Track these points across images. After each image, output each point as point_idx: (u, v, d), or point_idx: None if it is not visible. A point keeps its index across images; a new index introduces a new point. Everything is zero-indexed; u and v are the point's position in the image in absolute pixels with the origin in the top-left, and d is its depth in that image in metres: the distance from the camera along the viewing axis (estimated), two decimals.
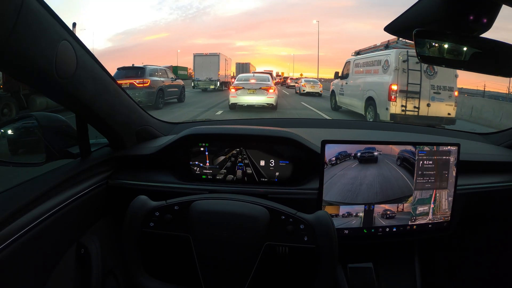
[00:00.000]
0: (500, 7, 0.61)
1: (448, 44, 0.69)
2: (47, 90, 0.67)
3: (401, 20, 0.69)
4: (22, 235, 0.61)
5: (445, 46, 0.69)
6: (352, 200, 0.88)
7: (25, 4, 0.49)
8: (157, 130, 1.13)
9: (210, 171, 0.98)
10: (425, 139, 1.22)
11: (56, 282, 0.70)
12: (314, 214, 0.69)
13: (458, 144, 0.92)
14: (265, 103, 9.19)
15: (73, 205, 0.76)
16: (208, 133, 0.99)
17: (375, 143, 0.88)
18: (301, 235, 0.67)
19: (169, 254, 0.93)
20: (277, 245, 0.68)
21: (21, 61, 0.54)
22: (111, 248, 0.90)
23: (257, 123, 1.43)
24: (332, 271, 0.65)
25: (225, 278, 0.66)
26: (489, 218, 1.15)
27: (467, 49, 0.69)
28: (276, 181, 0.97)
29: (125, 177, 0.95)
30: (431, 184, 0.92)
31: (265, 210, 0.69)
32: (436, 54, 0.69)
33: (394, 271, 1.12)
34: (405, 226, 0.92)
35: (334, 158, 0.86)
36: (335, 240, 0.66)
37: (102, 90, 0.78)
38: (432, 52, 0.69)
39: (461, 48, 0.69)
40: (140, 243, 0.66)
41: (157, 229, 0.66)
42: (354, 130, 1.40)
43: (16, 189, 0.70)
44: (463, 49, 0.69)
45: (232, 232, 0.65)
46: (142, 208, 0.67)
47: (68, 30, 0.63)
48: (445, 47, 0.69)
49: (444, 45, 0.69)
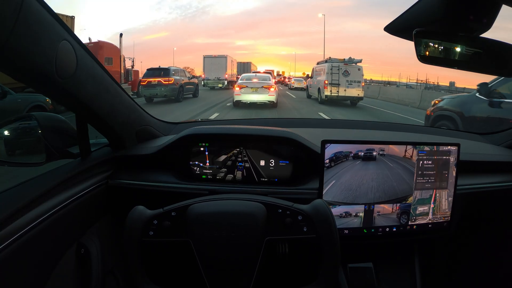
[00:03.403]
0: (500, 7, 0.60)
1: (448, 44, 0.69)
2: (47, 90, 0.67)
3: (401, 20, 0.69)
4: (22, 235, 0.61)
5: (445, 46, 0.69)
6: (352, 200, 0.88)
7: (25, 4, 0.49)
8: (157, 130, 1.13)
9: (210, 171, 0.98)
10: (425, 139, 1.22)
11: (56, 282, 0.70)
12: (311, 203, 0.69)
13: (458, 144, 0.92)
14: (266, 101, 9.95)
15: (73, 205, 0.76)
16: (208, 133, 0.99)
17: (375, 143, 0.88)
18: (300, 226, 0.67)
19: (171, 260, 0.93)
20: (278, 240, 0.68)
21: (21, 61, 0.54)
22: (111, 248, 0.90)
23: (257, 123, 1.43)
24: (335, 260, 0.65)
25: (230, 278, 0.66)
26: (489, 218, 1.15)
27: (467, 49, 0.69)
28: (276, 181, 0.97)
29: (125, 177, 0.95)
30: (431, 184, 0.92)
31: (262, 206, 0.69)
32: (436, 54, 0.69)
33: (394, 271, 1.12)
34: (405, 226, 0.92)
35: (334, 158, 0.86)
36: (334, 227, 0.66)
37: (102, 90, 0.78)
38: (431, 52, 0.69)
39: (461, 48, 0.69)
40: (141, 252, 0.65)
41: (157, 237, 0.66)
42: (354, 130, 1.40)
43: (16, 189, 0.70)
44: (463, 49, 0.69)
45: (231, 231, 0.65)
46: (140, 218, 0.66)
47: (68, 30, 0.63)
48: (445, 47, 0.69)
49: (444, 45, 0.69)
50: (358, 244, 1.00)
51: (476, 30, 0.64)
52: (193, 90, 13.94)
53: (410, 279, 1.10)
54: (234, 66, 24.80)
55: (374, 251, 1.09)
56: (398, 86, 25.09)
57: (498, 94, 3.59)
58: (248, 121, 1.63)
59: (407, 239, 1.01)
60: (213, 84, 21.09)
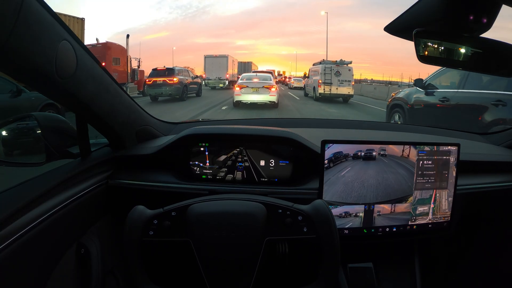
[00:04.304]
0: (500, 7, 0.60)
1: (448, 44, 0.69)
2: (47, 90, 0.67)
3: (401, 20, 0.68)
4: (22, 235, 0.61)
5: (445, 46, 0.69)
6: (352, 200, 0.88)
7: (25, 4, 0.49)
8: (157, 130, 1.13)
9: (210, 171, 0.98)
10: (425, 139, 1.22)
11: (56, 282, 0.70)
12: (311, 204, 0.69)
13: (458, 144, 0.92)
14: (267, 101, 9.78)
15: (73, 205, 0.76)
16: (208, 133, 0.99)
17: (375, 143, 0.88)
18: (300, 227, 0.67)
19: (172, 260, 0.93)
20: (278, 240, 0.68)
21: (21, 61, 0.54)
22: (111, 248, 0.90)
23: (257, 123, 1.43)
24: (335, 260, 0.65)
25: (230, 278, 0.66)
26: (489, 218, 1.15)
27: (467, 49, 0.69)
28: (276, 181, 0.97)
29: (125, 177, 0.95)
30: (431, 184, 0.92)
31: (262, 206, 0.69)
32: (436, 54, 0.69)
33: (394, 271, 1.12)
34: (405, 226, 0.92)
35: (334, 158, 0.86)
36: (334, 227, 0.66)
37: (102, 90, 0.78)
38: (431, 52, 0.69)
39: (461, 48, 0.69)
40: (141, 252, 0.66)
41: (157, 237, 0.66)
42: (354, 130, 1.40)
43: (16, 189, 0.70)
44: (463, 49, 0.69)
45: (231, 231, 0.65)
46: (140, 218, 0.66)
47: (68, 30, 0.63)
48: (445, 47, 0.69)
49: (444, 45, 0.69)
50: (358, 244, 1.00)
51: (476, 30, 0.64)
52: (196, 90, 14.57)
53: (410, 279, 1.10)
54: (235, 66, 24.88)
55: (374, 251, 1.09)
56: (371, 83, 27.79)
57: (431, 86, 4.65)
58: (248, 121, 1.63)
59: (407, 239, 1.01)
60: (214, 84, 21.13)
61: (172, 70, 12.71)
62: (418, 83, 4.88)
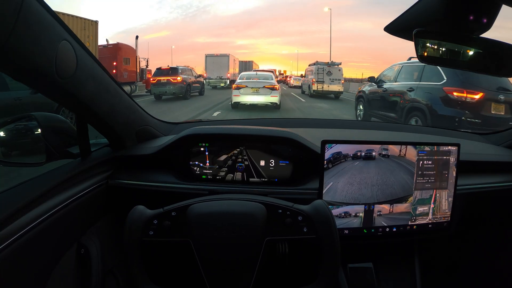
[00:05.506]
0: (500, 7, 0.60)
1: (448, 44, 0.69)
2: (47, 90, 0.67)
3: (401, 20, 0.68)
4: (22, 235, 0.61)
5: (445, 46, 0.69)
6: (352, 200, 0.88)
7: (25, 4, 0.49)
8: (157, 130, 1.13)
9: (210, 171, 0.98)
10: (425, 139, 1.22)
11: (56, 282, 0.71)
12: (311, 204, 0.69)
13: (458, 144, 0.92)
14: (268, 103, 9.05)
15: (73, 205, 0.76)
16: (208, 133, 0.99)
17: (375, 143, 0.88)
18: (300, 227, 0.67)
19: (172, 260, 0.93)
20: (278, 240, 0.68)
21: (21, 61, 0.54)
22: (111, 248, 0.90)
23: (257, 123, 1.43)
24: (335, 260, 0.65)
25: (230, 278, 0.66)
26: (489, 218, 1.15)
27: (467, 49, 0.69)
28: (276, 181, 0.97)
29: (125, 177, 0.95)
30: (431, 184, 0.92)
31: (262, 206, 0.69)
32: (436, 54, 0.69)
33: (394, 271, 1.11)
34: (405, 226, 0.92)
35: (334, 158, 0.86)
36: (334, 227, 0.66)
37: (102, 90, 0.78)
38: (431, 52, 0.68)
39: (461, 48, 0.69)
40: (141, 252, 0.66)
41: (157, 237, 0.66)
42: (354, 130, 1.40)
43: (16, 189, 0.70)
44: (463, 49, 0.69)
45: (231, 231, 0.65)
46: (140, 218, 0.66)
47: (68, 30, 0.63)
48: (445, 47, 0.69)
49: (444, 45, 0.69)
50: (358, 244, 1.00)
51: (476, 30, 0.64)
52: (199, 88, 15.04)
53: (410, 279, 1.10)
54: (236, 65, 24.78)
55: (374, 251, 1.09)
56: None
57: (381, 81, 6.42)
58: (248, 121, 1.63)
59: (407, 239, 1.01)
60: (215, 83, 21.09)
61: (175, 69, 13.06)
62: (371, 80, 6.92)
